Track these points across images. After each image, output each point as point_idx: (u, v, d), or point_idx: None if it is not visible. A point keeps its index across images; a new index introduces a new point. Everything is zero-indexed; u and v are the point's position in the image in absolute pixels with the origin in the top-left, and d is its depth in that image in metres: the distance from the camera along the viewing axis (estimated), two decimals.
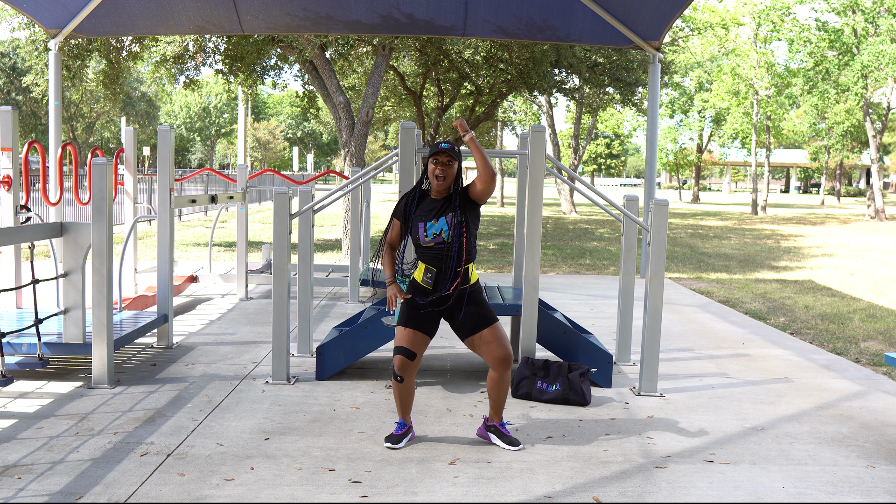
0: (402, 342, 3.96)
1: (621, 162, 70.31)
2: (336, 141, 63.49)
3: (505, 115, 26.36)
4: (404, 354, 3.95)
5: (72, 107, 45.42)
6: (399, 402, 4.07)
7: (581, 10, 8.62)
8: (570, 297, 9.19)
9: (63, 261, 5.03)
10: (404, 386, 4.00)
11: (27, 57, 11.78)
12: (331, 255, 12.99)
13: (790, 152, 67.79)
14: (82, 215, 16.55)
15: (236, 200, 8.58)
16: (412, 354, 3.95)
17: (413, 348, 3.95)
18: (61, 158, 7.65)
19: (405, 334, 3.97)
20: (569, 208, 29.22)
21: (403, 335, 3.97)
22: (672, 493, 3.58)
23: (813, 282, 11.43)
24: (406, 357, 3.94)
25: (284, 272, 5.11)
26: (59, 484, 3.46)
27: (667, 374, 5.65)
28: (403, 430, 4.07)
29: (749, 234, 21.51)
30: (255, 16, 9.11)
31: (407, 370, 3.96)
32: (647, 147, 9.67)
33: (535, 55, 14.36)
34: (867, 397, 5.23)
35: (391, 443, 4.03)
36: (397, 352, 3.97)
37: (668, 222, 5.12)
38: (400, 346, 3.96)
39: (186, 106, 65.94)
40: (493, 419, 4.15)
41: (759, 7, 32.02)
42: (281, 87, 16.58)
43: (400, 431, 4.07)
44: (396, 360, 3.97)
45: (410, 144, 5.12)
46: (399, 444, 4.02)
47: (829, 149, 42.28)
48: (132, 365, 5.56)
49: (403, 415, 4.09)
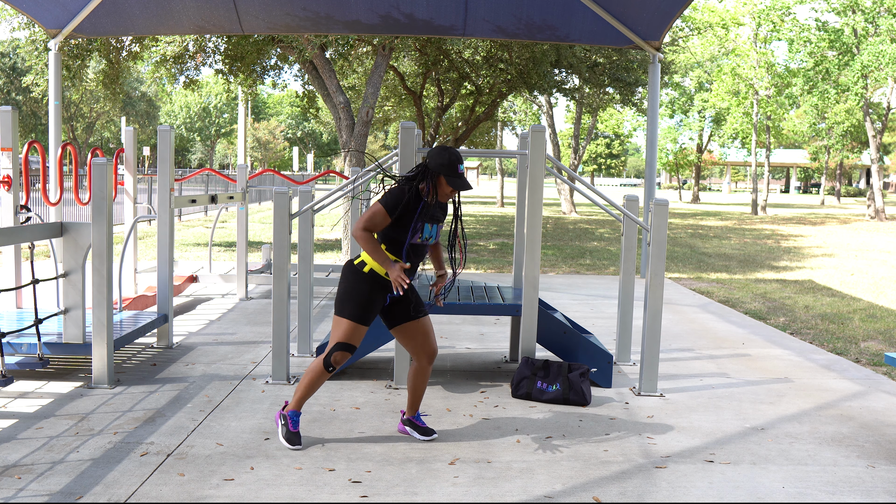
0: (349, 339, 3.88)
1: (621, 162, 70.35)
2: (336, 141, 63.49)
3: (505, 115, 26.35)
4: (348, 350, 3.90)
5: (72, 107, 45.42)
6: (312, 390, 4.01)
7: (581, 10, 8.62)
8: (570, 297, 9.19)
9: (63, 261, 5.03)
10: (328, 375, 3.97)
11: (27, 57, 11.78)
12: (331, 255, 12.99)
13: (790, 152, 67.81)
14: (82, 215, 16.55)
15: (236, 200, 8.59)
16: (354, 349, 3.93)
17: (356, 343, 3.92)
18: (61, 158, 7.65)
19: (353, 330, 3.87)
20: (569, 208, 29.22)
21: (352, 331, 3.87)
22: (672, 493, 3.58)
23: (813, 282, 11.43)
24: (349, 352, 3.91)
25: (284, 272, 5.11)
26: (59, 484, 3.46)
27: (667, 374, 5.65)
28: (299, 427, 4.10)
29: (749, 234, 21.51)
30: (255, 16, 9.11)
31: (342, 363, 3.95)
32: (647, 147, 9.67)
33: (535, 55, 14.36)
34: (867, 397, 5.23)
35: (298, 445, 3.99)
36: (342, 348, 3.88)
37: (668, 222, 5.12)
38: (346, 343, 3.88)
39: (186, 106, 65.94)
40: (410, 412, 4.21)
41: (759, 7, 32.02)
42: (281, 87, 16.58)
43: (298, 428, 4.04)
44: (338, 355, 3.89)
45: (410, 144, 5.12)
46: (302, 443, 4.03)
47: (829, 149, 42.29)
48: (132, 365, 5.56)
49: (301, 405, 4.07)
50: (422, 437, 4.17)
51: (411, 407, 4.21)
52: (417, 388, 4.15)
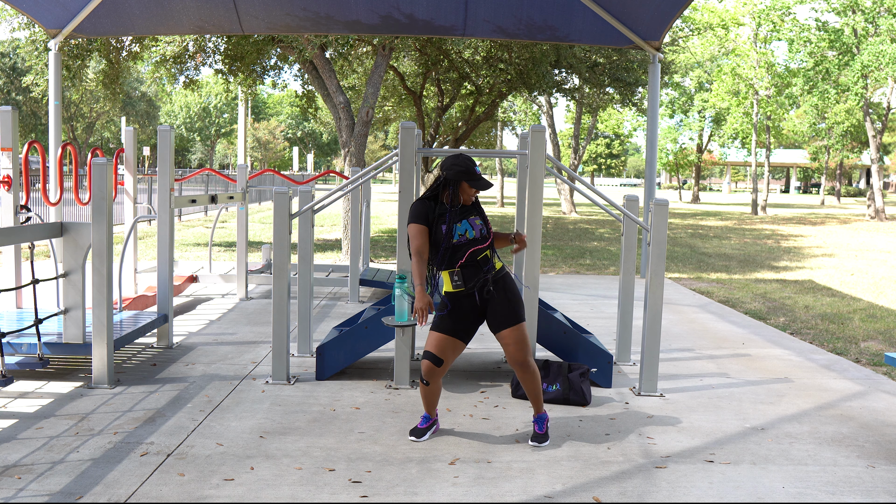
0: (431, 347, 4.07)
1: (621, 162, 70.38)
2: (336, 141, 63.49)
3: (505, 115, 26.36)
4: (431, 360, 4.05)
5: (72, 107, 45.41)
6: (425, 400, 4.20)
7: (581, 10, 8.62)
8: (570, 297, 9.19)
9: (63, 261, 5.03)
10: (430, 388, 4.13)
11: (27, 57, 11.78)
12: (331, 255, 12.99)
13: (790, 152, 67.80)
14: (82, 215, 16.55)
15: (236, 200, 8.58)
16: (439, 361, 4.05)
17: (441, 354, 4.05)
18: (61, 158, 7.65)
19: (436, 340, 4.06)
20: (569, 208, 29.22)
21: (434, 340, 4.06)
22: (672, 493, 3.58)
23: (813, 282, 11.43)
24: (433, 363, 4.05)
25: (284, 272, 5.11)
26: (59, 484, 3.46)
27: (667, 374, 5.65)
28: (428, 424, 4.23)
29: (749, 234, 21.51)
30: (255, 16, 9.11)
31: (433, 375, 4.08)
32: (647, 147, 9.67)
33: (534, 55, 14.36)
34: (867, 397, 5.23)
35: (415, 436, 4.16)
36: (425, 356, 4.08)
37: (668, 222, 5.12)
38: (428, 352, 4.07)
39: (186, 106, 65.93)
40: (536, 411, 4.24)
41: (759, 7, 32.03)
42: (281, 87, 16.58)
43: (424, 425, 4.22)
44: (424, 365, 4.08)
45: (410, 144, 5.12)
46: (423, 437, 4.18)
47: (829, 149, 42.30)
48: (132, 365, 5.56)
49: (429, 410, 4.23)
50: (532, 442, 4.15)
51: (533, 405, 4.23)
52: (528, 392, 4.21)
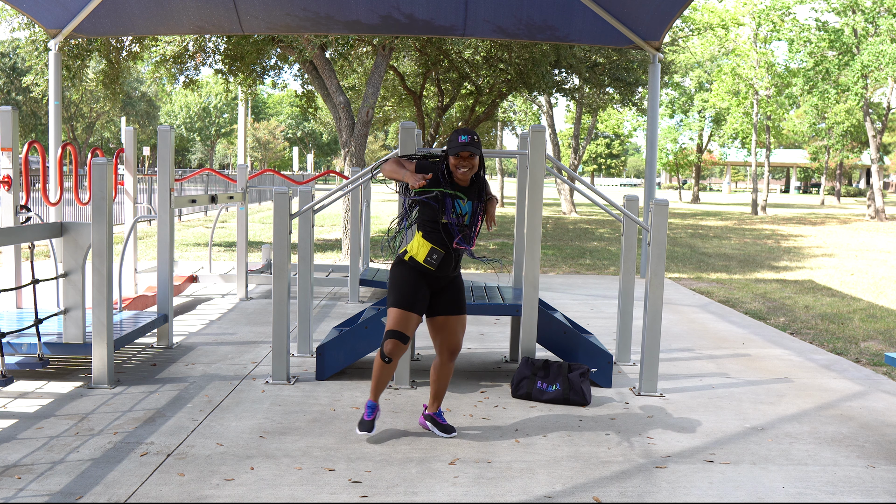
0: (396, 325, 3.95)
1: (621, 162, 70.38)
2: (336, 141, 63.48)
3: (505, 115, 26.36)
4: (398, 338, 3.95)
5: (72, 107, 45.41)
6: (377, 382, 4.07)
7: (581, 10, 8.62)
8: (570, 297, 9.19)
9: (63, 261, 5.03)
10: (389, 367, 4.02)
11: (27, 57, 11.78)
12: (331, 255, 12.99)
13: (790, 152, 67.80)
14: (82, 215, 16.55)
15: (236, 200, 8.58)
16: (406, 338, 3.97)
17: (407, 332, 3.97)
18: (61, 158, 7.65)
19: (400, 317, 3.95)
20: (569, 208, 29.22)
21: (399, 318, 3.95)
22: (672, 493, 3.58)
23: (813, 282, 11.43)
24: (400, 341, 3.95)
25: (284, 272, 5.11)
26: (59, 484, 3.46)
27: (667, 374, 5.65)
28: (374, 415, 4.11)
29: (749, 234, 21.51)
30: (255, 16, 9.11)
31: (397, 353, 3.98)
32: (647, 147, 9.67)
33: (534, 55, 14.36)
34: (867, 397, 5.23)
35: (366, 430, 4.09)
36: (391, 335, 3.95)
37: (668, 222, 5.12)
38: (394, 331, 3.95)
39: (186, 106, 65.92)
40: (432, 408, 4.24)
41: (759, 7, 32.03)
42: (281, 87, 16.59)
43: (371, 416, 4.10)
44: (390, 344, 3.95)
45: (410, 144, 5.12)
46: (374, 430, 4.11)
47: (829, 149, 42.30)
48: (132, 365, 5.56)
49: (376, 395, 4.11)
50: (442, 433, 4.19)
51: (433, 402, 4.24)
52: (440, 384, 4.19)
